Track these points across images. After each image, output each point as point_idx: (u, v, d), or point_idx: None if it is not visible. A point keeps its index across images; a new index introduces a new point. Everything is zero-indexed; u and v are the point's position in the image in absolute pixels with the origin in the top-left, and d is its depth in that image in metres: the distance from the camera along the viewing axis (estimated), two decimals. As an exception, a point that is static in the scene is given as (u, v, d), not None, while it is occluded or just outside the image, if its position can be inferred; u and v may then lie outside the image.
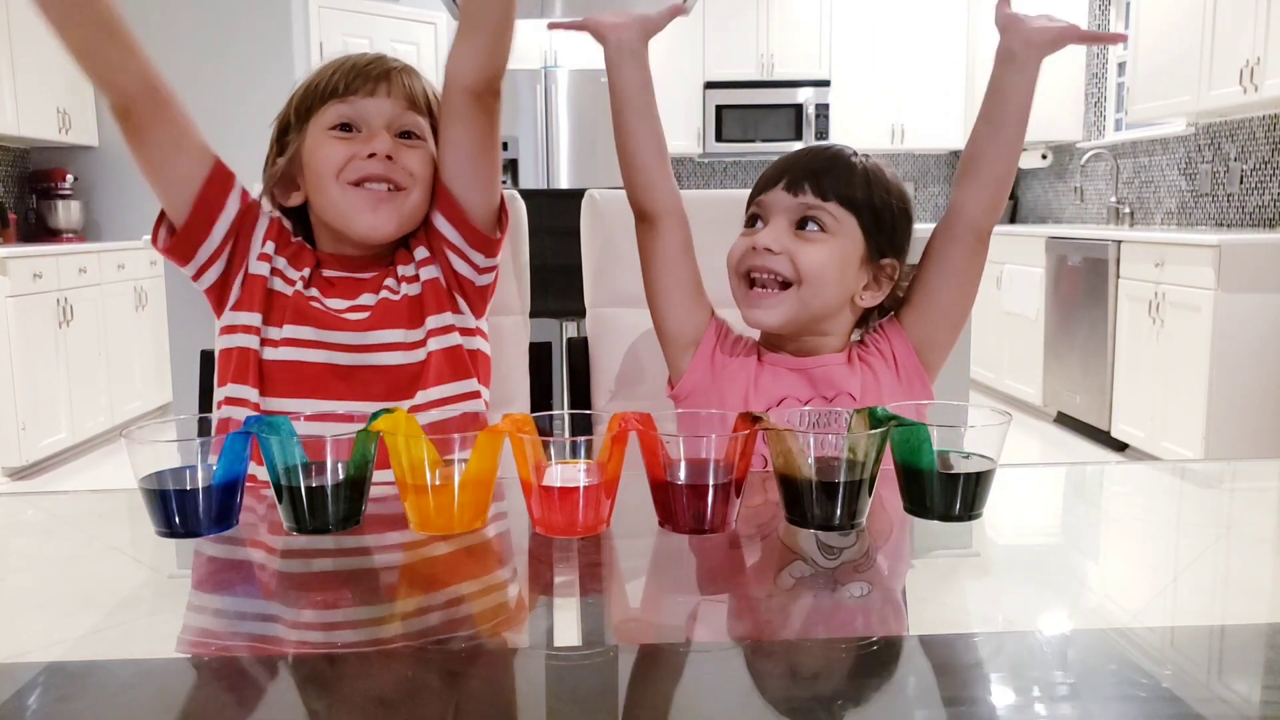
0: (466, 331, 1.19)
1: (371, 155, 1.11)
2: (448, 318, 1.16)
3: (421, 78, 1.20)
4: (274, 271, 1.14)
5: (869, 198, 1.08)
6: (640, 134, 1.13)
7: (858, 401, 1.09)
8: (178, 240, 1.11)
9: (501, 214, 1.20)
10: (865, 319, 1.16)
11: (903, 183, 1.16)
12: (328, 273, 1.17)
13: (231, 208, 1.12)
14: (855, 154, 1.12)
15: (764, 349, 1.15)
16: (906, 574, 0.73)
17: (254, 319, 1.12)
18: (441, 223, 1.17)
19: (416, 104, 1.17)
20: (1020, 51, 1.06)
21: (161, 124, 1.06)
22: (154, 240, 1.14)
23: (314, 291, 1.15)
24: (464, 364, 1.17)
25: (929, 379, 1.14)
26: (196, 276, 1.14)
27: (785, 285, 1.06)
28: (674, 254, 1.14)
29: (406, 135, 1.15)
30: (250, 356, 1.11)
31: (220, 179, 1.12)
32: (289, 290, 1.14)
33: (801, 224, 1.07)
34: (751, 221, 1.12)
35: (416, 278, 1.17)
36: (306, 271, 1.16)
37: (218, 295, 1.15)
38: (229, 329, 1.13)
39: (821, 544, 0.74)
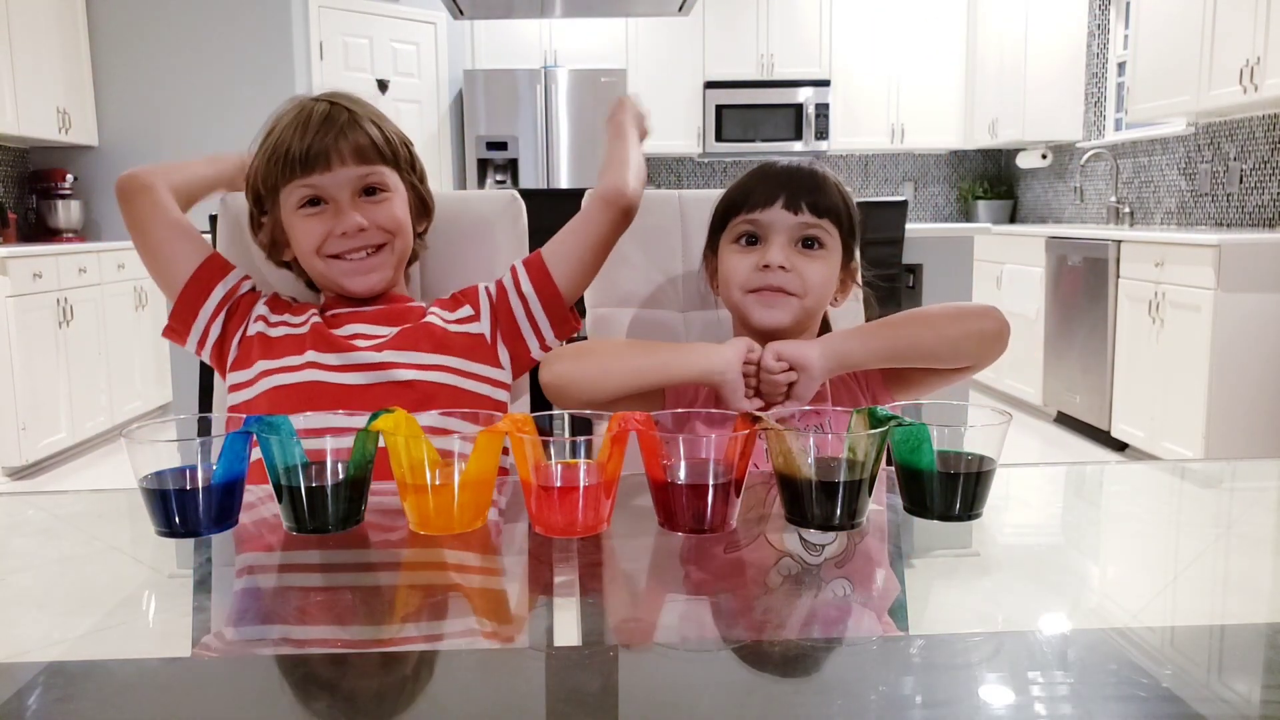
0: (499, 385, 1.23)
1: (344, 233, 1.17)
2: (484, 369, 1.21)
3: (373, 122, 1.20)
4: (274, 324, 1.20)
5: (847, 210, 1.17)
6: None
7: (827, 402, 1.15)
8: (174, 317, 1.22)
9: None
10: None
11: None
12: (333, 311, 1.22)
13: (221, 291, 1.21)
14: (821, 167, 1.19)
15: None
16: (893, 569, 0.73)
17: (255, 369, 1.17)
18: (530, 293, 1.23)
19: (370, 158, 1.18)
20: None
21: (158, 214, 1.23)
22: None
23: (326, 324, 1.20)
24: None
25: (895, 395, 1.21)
26: (199, 350, 1.23)
27: (789, 295, 1.13)
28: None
29: (372, 190, 1.19)
30: (260, 401, 1.15)
31: (215, 267, 1.22)
32: (303, 330, 1.18)
33: (801, 241, 1.13)
34: (748, 239, 1.15)
35: (447, 323, 1.22)
36: (313, 313, 1.21)
37: (217, 361, 1.23)
38: (235, 386, 1.19)
39: (805, 541, 0.74)
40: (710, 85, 5.93)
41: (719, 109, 5.92)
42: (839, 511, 0.74)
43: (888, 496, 0.83)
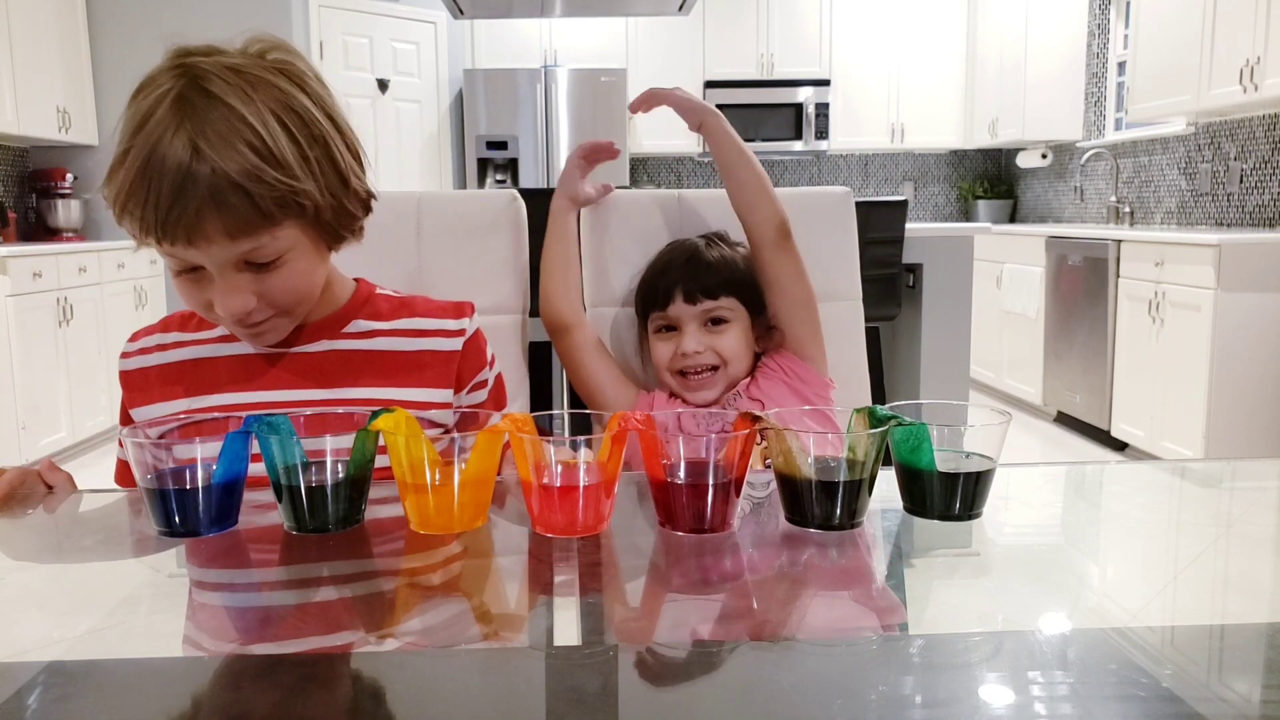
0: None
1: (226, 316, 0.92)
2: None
3: (248, 176, 0.85)
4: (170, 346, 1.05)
5: (740, 278, 1.33)
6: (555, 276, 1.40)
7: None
8: None
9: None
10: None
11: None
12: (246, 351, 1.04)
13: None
14: (708, 243, 1.36)
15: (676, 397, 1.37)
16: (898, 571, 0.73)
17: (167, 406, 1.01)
18: None
19: (248, 230, 0.87)
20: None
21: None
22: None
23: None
24: None
25: (820, 369, 1.36)
26: None
27: (713, 369, 1.32)
28: (590, 354, 1.38)
29: (258, 262, 0.91)
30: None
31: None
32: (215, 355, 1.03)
33: (709, 321, 1.32)
34: (666, 329, 1.35)
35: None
36: (219, 340, 1.03)
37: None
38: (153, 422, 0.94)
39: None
40: (710, 85, 5.93)
41: (719, 109, 5.91)
42: (839, 511, 0.74)
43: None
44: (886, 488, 0.78)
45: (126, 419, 1.06)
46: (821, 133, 5.94)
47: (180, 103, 0.87)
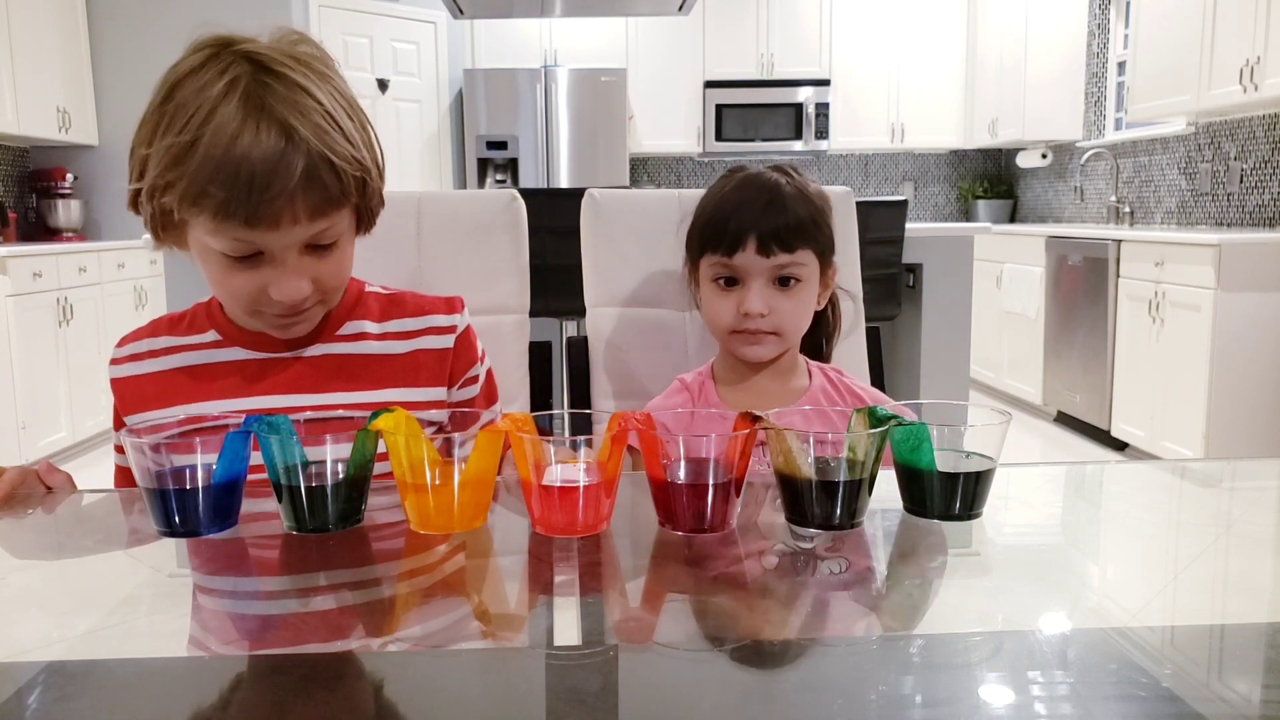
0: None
1: (280, 298, 0.93)
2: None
3: (334, 156, 0.88)
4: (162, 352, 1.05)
5: (819, 226, 1.16)
6: None
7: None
8: None
9: None
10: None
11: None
12: (245, 354, 1.05)
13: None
14: (787, 179, 1.16)
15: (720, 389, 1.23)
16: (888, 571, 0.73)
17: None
18: None
19: (328, 210, 0.90)
20: None
21: None
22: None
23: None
24: None
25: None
26: None
27: (772, 333, 1.17)
28: None
29: (319, 245, 0.94)
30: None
31: None
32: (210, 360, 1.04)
33: (778, 279, 1.16)
34: (726, 281, 1.17)
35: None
36: (215, 343, 1.03)
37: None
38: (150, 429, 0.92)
39: (796, 534, 0.75)
40: (710, 85, 5.92)
41: (719, 108, 5.92)
42: (839, 511, 0.74)
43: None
44: (886, 488, 0.78)
45: (120, 425, 1.05)
46: (821, 132, 5.94)
47: (257, 87, 0.88)
